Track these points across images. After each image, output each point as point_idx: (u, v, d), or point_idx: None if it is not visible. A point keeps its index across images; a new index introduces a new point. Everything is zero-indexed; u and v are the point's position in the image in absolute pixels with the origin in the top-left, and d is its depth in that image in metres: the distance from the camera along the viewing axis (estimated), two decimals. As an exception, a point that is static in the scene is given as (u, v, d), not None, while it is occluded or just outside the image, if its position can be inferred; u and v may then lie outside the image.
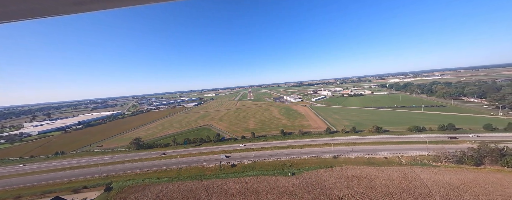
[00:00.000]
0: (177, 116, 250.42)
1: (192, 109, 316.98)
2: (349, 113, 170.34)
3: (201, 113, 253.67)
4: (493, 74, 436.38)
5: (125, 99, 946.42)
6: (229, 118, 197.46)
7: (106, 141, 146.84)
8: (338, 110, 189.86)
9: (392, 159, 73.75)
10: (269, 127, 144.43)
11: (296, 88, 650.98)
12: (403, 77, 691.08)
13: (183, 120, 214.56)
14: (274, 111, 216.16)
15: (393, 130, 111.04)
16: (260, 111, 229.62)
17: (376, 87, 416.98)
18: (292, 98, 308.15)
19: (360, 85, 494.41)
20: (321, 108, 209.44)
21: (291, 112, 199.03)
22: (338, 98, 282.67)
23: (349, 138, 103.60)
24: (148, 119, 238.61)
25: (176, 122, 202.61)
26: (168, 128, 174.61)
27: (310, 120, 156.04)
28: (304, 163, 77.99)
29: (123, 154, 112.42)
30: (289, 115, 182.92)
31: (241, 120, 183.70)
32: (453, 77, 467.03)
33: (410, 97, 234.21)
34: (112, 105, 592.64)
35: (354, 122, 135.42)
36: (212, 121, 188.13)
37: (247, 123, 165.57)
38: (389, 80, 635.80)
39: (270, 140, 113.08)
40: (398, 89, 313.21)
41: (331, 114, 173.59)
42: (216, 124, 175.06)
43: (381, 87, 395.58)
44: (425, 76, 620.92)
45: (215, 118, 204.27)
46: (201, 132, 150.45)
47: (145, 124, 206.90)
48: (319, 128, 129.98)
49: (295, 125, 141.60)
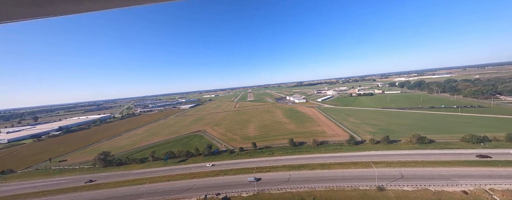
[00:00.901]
0: (170, 119, 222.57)
1: (187, 111, 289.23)
2: (368, 116, 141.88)
3: (196, 116, 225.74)
4: (508, 71, 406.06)
5: (124, 101, 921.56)
6: (227, 122, 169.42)
7: (77, 153, 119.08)
8: (352, 112, 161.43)
9: (478, 195, 45.47)
10: (273, 134, 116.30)
11: (298, 88, 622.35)
12: (408, 76, 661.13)
13: (175, 124, 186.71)
14: (277, 113, 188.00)
15: (440, 140, 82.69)
16: (261, 113, 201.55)
17: (384, 86, 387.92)
18: (296, 99, 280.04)
19: (366, 84, 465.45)
20: (330, 110, 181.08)
21: (297, 115, 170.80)
22: (347, 99, 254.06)
23: (385, 152, 75.14)
24: (137, 123, 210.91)
25: (166, 127, 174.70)
26: (155, 135, 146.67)
27: (323, 124, 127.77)
28: (333, 198, 49.90)
29: (84, 174, 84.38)
30: (295, 118, 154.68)
31: (240, 124, 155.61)
32: (462, 75, 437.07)
33: (431, 96, 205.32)
34: (109, 107, 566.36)
35: (380, 128, 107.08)
36: (207, 126, 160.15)
37: (247, 129, 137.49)
38: (394, 79, 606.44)
39: (277, 154, 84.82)
40: (411, 88, 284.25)
41: (345, 116, 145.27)
42: (210, 129, 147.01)
43: (390, 86, 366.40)
44: (431, 75, 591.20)
45: (211, 122, 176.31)
46: (191, 140, 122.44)
47: (131, 129, 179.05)
48: (337, 135, 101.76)
49: (306, 132, 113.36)
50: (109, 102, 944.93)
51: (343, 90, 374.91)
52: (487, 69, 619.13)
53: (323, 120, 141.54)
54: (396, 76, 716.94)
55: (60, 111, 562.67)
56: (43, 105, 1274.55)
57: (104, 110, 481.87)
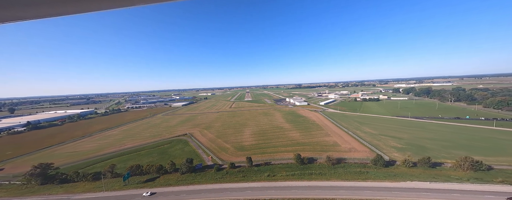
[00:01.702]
0: (156, 118, 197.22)
1: (179, 109, 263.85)
2: (384, 125, 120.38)
3: (186, 116, 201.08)
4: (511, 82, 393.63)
5: (117, 95, 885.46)
6: (219, 125, 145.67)
7: (24, 158, 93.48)
8: (362, 119, 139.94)
9: None
10: (273, 144, 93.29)
11: (297, 90, 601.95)
12: (407, 83, 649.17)
13: (160, 124, 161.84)
14: (277, 117, 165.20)
15: (499, 165, 61.23)
16: (259, 115, 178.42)
17: (387, 91, 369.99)
18: (297, 101, 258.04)
19: (368, 89, 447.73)
20: (337, 115, 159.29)
21: (300, 119, 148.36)
22: (351, 103, 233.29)
23: (434, 185, 52.65)
24: (118, 121, 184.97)
25: (149, 128, 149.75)
26: (131, 138, 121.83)
27: (333, 134, 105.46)
28: None
29: (4, 198, 59.57)
30: (299, 124, 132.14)
31: (234, 128, 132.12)
32: (464, 84, 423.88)
33: (445, 105, 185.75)
34: (98, 101, 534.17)
35: (406, 143, 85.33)
36: (195, 129, 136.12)
37: (242, 134, 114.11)
38: (394, 85, 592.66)
39: (280, 177, 61.74)
40: (418, 95, 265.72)
41: (357, 125, 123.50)
42: (199, 133, 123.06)
43: (394, 92, 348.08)
44: (430, 83, 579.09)
45: (201, 124, 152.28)
46: (172, 147, 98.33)
47: (107, 129, 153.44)
48: (354, 150, 79.50)
49: (314, 143, 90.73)
50: (102, 96, 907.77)
51: (345, 94, 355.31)
52: (485, 80, 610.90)
53: (331, 127, 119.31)
54: (395, 83, 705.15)
55: (46, 103, 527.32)
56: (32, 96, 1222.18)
57: (93, 104, 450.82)
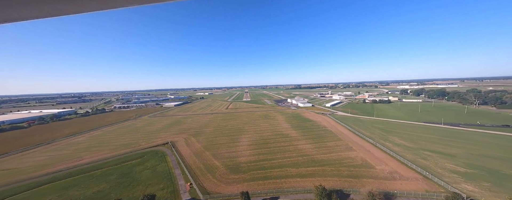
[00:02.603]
0: (141, 120, 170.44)
1: (170, 109, 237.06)
2: (417, 134, 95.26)
3: (176, 118, 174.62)
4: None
5: (112, 94, 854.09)
6: (211, 130, 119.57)
7: None
8: (384, 125, 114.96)
9: None
10: (279, 161, 67.54)
11: (297, 91, 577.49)
12: (409, 84, 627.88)
13: (142, 128, 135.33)
14: (280, 120, 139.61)
15: None
16: (259, 118, 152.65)
17: (393, 93, 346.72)
18: (300, 102, 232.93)
19: (372, 91, 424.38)
20: (351, 120, 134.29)
21: (307, 124, 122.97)
22: (361, 105, 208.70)
23: None
24: (95, 124, 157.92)
25: (126, 133, 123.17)
26: (97, 147, 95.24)
27: (355, 146, 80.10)
28: None
29: None
30: (307, 131, 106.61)
31: (228, 135, 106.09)
32: (470, 86, 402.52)
33: (473, 109, 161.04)
34: (89, 100, 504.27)
35: (466, 163, 60.14)
36: (181, 135, 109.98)
37: (237, 145, 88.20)
38: (397, 86, 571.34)
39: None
40: (432, 97, 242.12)
41: (380, 132, 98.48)
42: (183, 142, 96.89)
43: (402, 94, 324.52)
44: (432, 84, 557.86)
45: (190, 129, 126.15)
46: (143, 164, 72.06)
47: (77, 133, 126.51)
48: (397, 175, 54.18)
49: (335, 161, 65.09)
50: (98, 95, 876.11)
51: (349, 95, 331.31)
52: (487, 82, 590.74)
53: (350, 136, 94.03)
54: (398, 84, 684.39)
55: (34, 101, 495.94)
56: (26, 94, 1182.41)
57: (83, 103, 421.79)
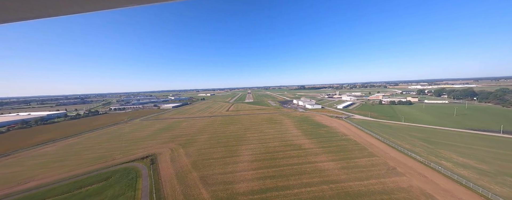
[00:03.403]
0: (131, 124, 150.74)
1: (167, 112, 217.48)
2: (478, 147, 71.46)
3: (170, 121, 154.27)
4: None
5: (115, 95, 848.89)
6: (206, 138, 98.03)
7: None
8: (421, 133, 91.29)
9: None
10: (296, 189, 45.20)
11: (302, 91, 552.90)
12: (421, 84, 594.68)
13: (127, 134, 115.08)
14: (288, 125, 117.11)
15: None
16: (263, 122, 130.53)
17: (408, 93, 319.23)
18: (307, 104, 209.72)
19: (384, 91, 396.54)
20: (374, 125, 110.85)
21: (322, 131, 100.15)
22: (378, 107, 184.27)
23: None
24: (79, 128, 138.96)
25: (106, 142, 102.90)
26: (60, 163, 74.92)
27: (401, 166, 57.18)
28: None
29: None
30: (324, 140, 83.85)
31: (225, 145, 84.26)
32: (489, 86, 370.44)
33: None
34: (90, 101, 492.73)
35: None
36: (169, 145, 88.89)
37: (236, 160, 66.22)
38: (407, 86, 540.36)
39: None
40: (457, 98, 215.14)
41: (422, 144, 75.12)
42: (168, 155, 75.60)
43: (418, 94, 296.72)
44: (446, 84, 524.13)
45: (181, 135, 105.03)
46: (103, 192, 50.93)
47: (50, 141, 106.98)
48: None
49: (380, 193, 42.39)
50: (100, 96, 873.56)
51: (360, 96, 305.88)
52: (503, 82, 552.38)
53: (384, 149, 70.96)
54: (408, 84, 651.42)
55: (35, 102, 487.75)
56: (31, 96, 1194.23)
57: (83, 104, 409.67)
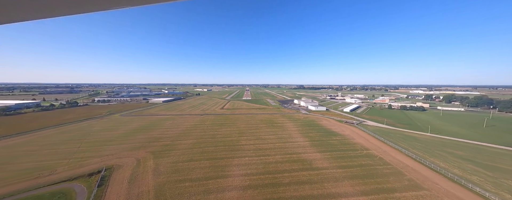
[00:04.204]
0: (108, 120, 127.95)
1: (155, 106, 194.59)
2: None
3: (153, 119, 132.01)
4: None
5: (108, 86, 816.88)
6: (188, 144, 76.44)
7: None
8: (463, 150, 71.72)
9: None
10: None
11: (302, 91, 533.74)
12: (421, 89, 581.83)
13: (95, 134, 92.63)
14: (292, 131, 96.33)
15: None
16: (262, 125, 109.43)
17: (414, 98, 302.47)
18: (310, 105, 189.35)
19: (388, 95, 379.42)
20: (397, 136, 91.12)
21: (334, 141, 79.79)
22: (388, 112, 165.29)
23: None
24: (38, 123, 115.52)
25: (61, 143, 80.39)
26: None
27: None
28: None
29: None
30: (341, 154, 63.45)
31: (211, 157, 63.04)
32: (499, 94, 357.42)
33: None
34: (79, 91, 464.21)
35: None
36: (139, 152, 67.21)
37: (222, 186, 45.13)
38: (409, 91, 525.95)
39: None
40: (471, 105, 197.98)
41: (477, 169, 55.37)
42: (129, 171, 54.05)
43: (427, 99, 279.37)
44: (444, 90, 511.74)
45: (160, 138, 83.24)
46: None
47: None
48: None
49: None
50: (93, 86, 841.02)
51: (364, 98, 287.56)
52: (502, 91, 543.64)
53: (432, 177, 50.83)
54: (409, 89, 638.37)
55: (19, 90, 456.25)
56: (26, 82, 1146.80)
57: (68, 94, 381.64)
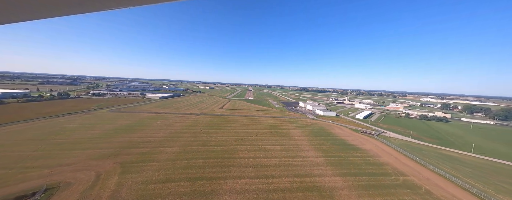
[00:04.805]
0: (92, 116, 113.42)
1: (151, 103, 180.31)
2: None
3: (142, 117, 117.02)
4: None
5: (112, 79, 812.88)
6: (172, 154, 60.65)
7: None
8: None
9: None
10: None
11: (306, 93, 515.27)
12: (434, 98, 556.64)
13: (67, 133, 77.73)
14: (300, 141, 79.68)
15: None
16: (264, 131, 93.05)
17: (429, 107, 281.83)
18: (317, 109, 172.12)
19: (398, 102, 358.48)
20: (432, 154, 73.77)
21: (356, 159, 63.03)
22: (406, 122, 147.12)
23: None
24: (17, 115, 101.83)
25: (21, 144, 65.54)
26: None
27: None
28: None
29: None
30: (367, 178, 46.67)
31: (197, 176, 47.08)
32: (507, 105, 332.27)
33: None
34: (81, 82, 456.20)
35: None
36: (104, 163, 51.74)
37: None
38: (419, 98, 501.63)
39: None
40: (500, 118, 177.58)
41: None
42: (76, 194, 38.64)
43: (443, 109, 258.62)
44: (455, 99, 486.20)
45: (141, 143, 67.77)
46: None
47: None
48: None
49: None
50: (96, 79, 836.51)
51: (374, 104, 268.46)
52: (499, 101, 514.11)
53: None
54: (419, 96, 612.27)
55: (20, 79, 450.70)
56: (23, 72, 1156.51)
57: (68, 85, 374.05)
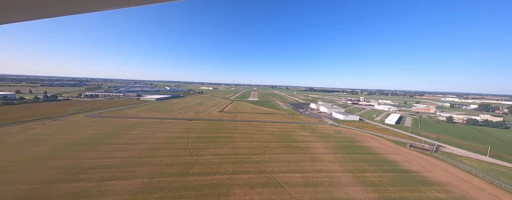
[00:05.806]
0: (58, 123, 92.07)
1: (144, 105, 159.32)
2: None
3: (121, 123, 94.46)
4: None
5: (116, 81, 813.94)
6: (129, 195, 36.90)
7: None
8: None
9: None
10: None
11: (314, 94, 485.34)
12: (449, 96, 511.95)
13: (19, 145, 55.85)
14: (328, 162, 54.11)
15: None
16: (273, 143, 67.82)
17: (460, 107, 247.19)
18: (335, 112, 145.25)
19: (423, 102, 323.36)
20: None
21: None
22: (449, 127, 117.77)
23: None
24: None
25: None
26: None
27: None
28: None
29: None
30: None
31: None
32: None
33: None
34: (85, 84, 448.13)
35: None
36: None
37: None
38: (441, 98, 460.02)
39: None
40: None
41: None
42: None
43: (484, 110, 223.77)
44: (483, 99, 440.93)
45: (90, 170, 44.35)
46: None
47: None
48: None
49: None
50: (102, 81, 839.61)
51: (395, 105, 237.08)
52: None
53: None
54: (442, 96, 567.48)
55: (24, 82, 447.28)
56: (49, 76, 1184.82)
57: (70, 86, 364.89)
